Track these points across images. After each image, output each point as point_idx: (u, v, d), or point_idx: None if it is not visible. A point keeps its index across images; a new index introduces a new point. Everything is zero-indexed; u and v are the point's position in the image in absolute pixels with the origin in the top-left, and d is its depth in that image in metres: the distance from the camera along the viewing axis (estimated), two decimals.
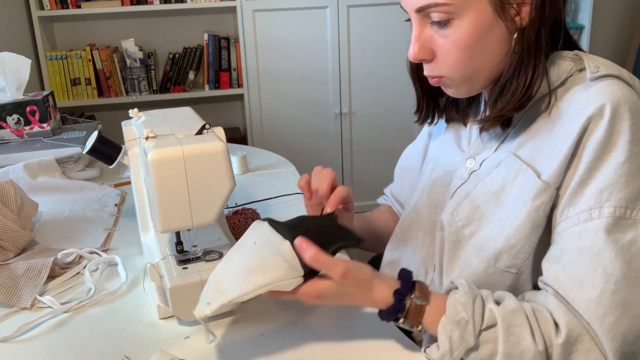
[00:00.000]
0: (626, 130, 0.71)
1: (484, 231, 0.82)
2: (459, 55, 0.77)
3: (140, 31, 2.96)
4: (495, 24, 0.75)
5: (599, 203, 0.70)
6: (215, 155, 0.82)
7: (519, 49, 0.76)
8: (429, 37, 0.79)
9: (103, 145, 1.09)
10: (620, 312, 0.67)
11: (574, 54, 0.80)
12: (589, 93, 0.75)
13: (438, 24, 0.77)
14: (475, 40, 0.76)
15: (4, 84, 1.58)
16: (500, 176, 0.82)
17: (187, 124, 0.93)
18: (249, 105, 2.93)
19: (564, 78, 0.79)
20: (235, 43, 2.89)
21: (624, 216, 0.69)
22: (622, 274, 0.68)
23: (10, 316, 0.90)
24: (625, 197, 0.70)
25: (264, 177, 1.50)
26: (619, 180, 0.70)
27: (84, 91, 2.82)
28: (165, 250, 0.94)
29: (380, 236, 1.10)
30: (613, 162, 0.71)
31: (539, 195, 0.76)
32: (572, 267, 0.70)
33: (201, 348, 0.81)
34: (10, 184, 1.15)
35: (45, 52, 2.72)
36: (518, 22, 0.76)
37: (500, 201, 0.81)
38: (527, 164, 0.79)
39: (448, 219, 0.87)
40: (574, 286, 0.70)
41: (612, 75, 0.75)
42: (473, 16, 0.75)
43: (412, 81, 0.93)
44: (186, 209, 0.82)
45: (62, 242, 1.14)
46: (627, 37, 3.44)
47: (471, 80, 0.81)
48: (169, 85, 2.93)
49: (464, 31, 0.75)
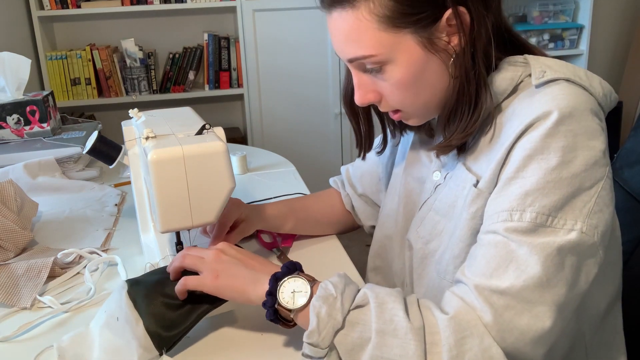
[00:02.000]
0: (564, 135, 0.68)
1: (442, 245, 0.81)
2: (402, 95, 0.78)
3: (140, 31, 2.96)
4: (428, 59, 0.74)
5: (521, 206, 0.68)
6: (215, 155, 0.82)
7: (458, 74, 0.75)
8: (370, 81, 0.79)
9: (103, 145, 1.09)
10: (522, 308, 0.65)
11: (524, 59, 0.77)
12: (533, 100, 0.73)
13: (373, 70, 0.77)
14: (414, 79, 0.75)
15: (4, 84, 1.58)
16: (453, 188, 0.81)
17: (187, 124, 0.93)
18: (249, 105, 2.93)
19: (515, 85, 0.77)
20: (235, 43, 2.89)
21: (545, 224, 0.67)
22: (533, 272, 0.65)
23: (10, 316, 0.90)
24: (549, 204, 0.67)
25: (264, 177, 1.50)
26: (547, 186, 0.67)
27: (84, 91, 2.82)
28: (165, 250, 0.94)
29: (317, 219, 1.10)
30: (543, 166, 0.68)
31: (474, 202, 0.75)
32: (483, 262, 0.69)
33: (201, 348, 0.80)
34: (10, 184, 1.15)
35: (45, 52, 2.72)
36: (451, 50, 0.74)
37: (453, 213, 0.80)
38: (473, 173, 0.78)
39: (414, 236, 0.87)
40: (481, 278, 0.67)
41: (562, 79, 0.73)
42: (404, 58, 0.74)
43: (349, 117, 0.92)
44: (186, 209, 0.82)
45: (62, 242, 1.14)
46: (627, 37, 3.44)
47: (425, 110, 0.81)
48: (169, 85, 2.93)
49: (399, 74, 0.75)
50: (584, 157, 0.68)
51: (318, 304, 0.68)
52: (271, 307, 0.72)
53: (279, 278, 0.73)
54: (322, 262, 1.04)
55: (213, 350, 0.80)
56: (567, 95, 0.70)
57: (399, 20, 0.71)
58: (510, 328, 0.65)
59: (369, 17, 0.72)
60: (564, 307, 0.67)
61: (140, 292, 0.78)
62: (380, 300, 0.68)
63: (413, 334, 0.64)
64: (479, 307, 0.66)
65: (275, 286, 0.73)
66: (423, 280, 0.85)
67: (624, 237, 0.87)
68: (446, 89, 0.77)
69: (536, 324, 0.65)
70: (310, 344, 0.67)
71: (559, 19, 3.17)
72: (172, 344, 0.76)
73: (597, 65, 3.43)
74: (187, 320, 0.77)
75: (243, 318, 0.87)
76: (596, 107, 0.72)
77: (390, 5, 0.71)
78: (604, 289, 0.82)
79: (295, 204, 1.09)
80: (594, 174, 0.68)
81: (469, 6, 0.72)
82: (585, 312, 0.80)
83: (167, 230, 0.84)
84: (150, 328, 0.74)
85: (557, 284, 0.66)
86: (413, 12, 0.71)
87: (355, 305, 0.68)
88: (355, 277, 0.97)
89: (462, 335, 0.64)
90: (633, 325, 0.96)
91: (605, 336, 0.84)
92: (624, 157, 1.08)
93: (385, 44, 0.73)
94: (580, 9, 3.16)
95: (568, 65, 0.76)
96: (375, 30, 0.72)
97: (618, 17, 3.43)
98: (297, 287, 0.72)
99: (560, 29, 3.14)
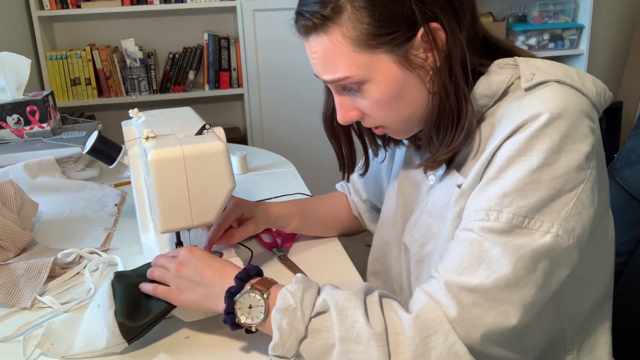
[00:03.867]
0: (550, 136, 0.68)
1: (437, 248, 0.81)
2: (383, 112, 0.78)
3: (140, 31, 2.96)
4: (406, 76, 0.75)
5: (499, 206, 0.68)
6: (215, 155, 0.82)
7: (437, 90, 0.75)
8: (350, 100, 0.80)
9: (103, 145, 1.09)
10: (489, 306, 0.65)
11: (514, 61, 0.77)
12: (522, 102, 0.72)
13: (352, 89, 0.78)
14: (393, 97, 0.76)
15: (4, 84, 1.58)
16: (444, 190, 0.81)
17: (187, 124, 0.93)
18: (249, 105, 2.92)
19: (505, 87, 0.76)
20: (235, 43, 2.89)
21: (521, 225, 0.67)
22: (504, 272, 0.66)
23: (10, 316, 0.90)
24: (527, 205, 0.67)
25: (264, 177, 1.50)
26: (525, 188, 0.67)
27: (84, 91, 2.82)
28: (165, 250, 0.94)
29: (325, 222, 1.11)
30: (525, 167, 0.68)
31: (457, 202, 0.75)
32: (456, 259, 0.69)
33: (201, 348, 0.81)
34: (10, 184, 1.15)
35: (45, 52, 2.72)
36: (428, 67, 0.74)
37: (445, 215, 0.80)
38: (461, 174, 0.78)
39: (409, 239, 0.87)
40: (452, 274, 0.68)
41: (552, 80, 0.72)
42: (382, 77, 0.74)
43: (330, 139, 0.93)
44: (186, 209, 0.82)
45: (62, 242, 1.14)
46: (627, 37, 3.44)
47: (408, 125, 0.81)
48: (169, 85, 2.93)
49: (378, 93, 0.76)
50: (567, 160, 0.68)
51: (278, 316, 0.69)
52: (232, 324, 0.74)
53: (233, 294, 0.74)
54: (322, 263, 1.04)
55: (212, 349, 0.80)
56: (557, 97, 0.70)
57: (372, 41, 0.72)
58: (476, 324, 0.66)
59: (343, 41, 0.73)
60: (530, 307, 0.67)
61: (122, 283, 0.82)
62: (340, 306, 0.68)
63: (375, 340, 0.65)
64: (445, 303, 0.67)
65: (232, 304, 0.74)
66: (421, 283, 0.84)
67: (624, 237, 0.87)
68: (427, 104, 0.77)
69: (502, 322, 0.66)
70: (276, 356, 0.68)
71: (559, 19, 3.17)
72: (137, 334, 0.78)
73: (597, 65, 3.43)
74: (152, 313, 0.79)
75: None
76: (589, 107, 0.72)
77: (362, 28, 0.72)
78: (589, 288, 0.82)
79: (306, 205, 1.09)
80: (576, 177, 0.68)
81: (442, 22, 0.72)
82: (566, 309, 0.80)
83: (167, 230, 0.84)
84: (118, 317, 0.78)
85: (527, 286, 0.66)
86: (385, 33, 0.72)
87: (316, 312, 0.69)
88: (355, 278, 0.98)
89: (427, 333, 0.65)
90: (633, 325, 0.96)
91: (589, 335, 0.84)
92: (624, 157, 1.08)
93: (361, 65, 0.74)
94: (580, 9, 3.16)
95: (559, 65, 0.75)
96: (350, 53, 0.73)
97: (618, 17, 3.43)
98: (252, 302, 0.73)
99: (560, 29, 3.14)
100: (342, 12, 0.72)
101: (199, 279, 0.78)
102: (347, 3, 0.72)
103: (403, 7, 0.70)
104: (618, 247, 0.98)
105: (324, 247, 1.10)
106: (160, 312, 0.79)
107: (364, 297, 0.70)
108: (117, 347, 0.78)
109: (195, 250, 0.82)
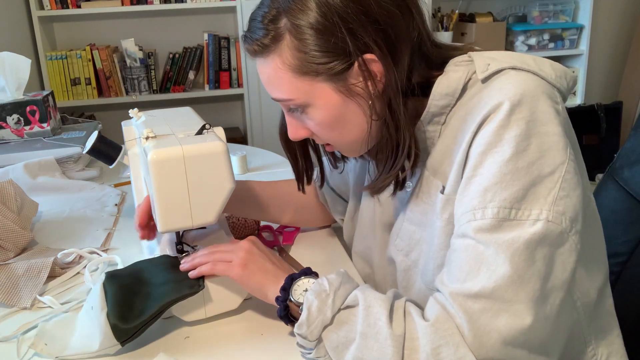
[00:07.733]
0: (516, 124, 0.67)
1: (422, 255, 0.81)
2: (328, 134, 0.80)
3: (140, 31, 2.96)
4: (346, 103, 0.76)
5: (482, 203, 0.67)
6: (215, 155, 0.82)
7: (376, 117, 0.76)
8: (297, 119, 0.82)
9: (103, 145, 1.10)
10: (499, 309, 0.64)
11: (468, 57, 0.77)
12: (482, 95, 0.73)
13: (297, 110, 0.79)
14: (335, 121, 0.77)
15: (4, 84, 1.58)
16: (421, 196, 0.81)
17: (187, 124, 0.93)
18: (249, 105, 2.93)
19: (464, 84, 0.76)
20: (235, 43, 2.89)
21: (508, 217, 0.66)
22: (503, 271, 0.64)
23: (10, 316, 0.90)
24: (509, 197, 0.66)
25: (264, 177, 1.50)
26: (504, 179, 0.66)
27: (84, 91, 2.82)
28: (165, 250, 0.94)
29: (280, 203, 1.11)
30: (498, 159, 0.67)
31: (444, 208, 0.75)
32: (457, 268, 0.68)
33: (201, 348, 0.81)
34: (10, 184, 1.15)
35: (45, 52, 2.72)
36: (367, 96, 0.75)
37: (426, 221, 0.80)
38: (438, 178, 0.78)
39: (393, 251, 0.87)
40: (456, 284, 0.67)
41: (507, 68, 0.73)
42: (322, 103, 0.76)
43: (286, 152, 0.93)
44: (186, 209, 0.82)
45: (62, 242, 1.14)
46: (627, 37, 3.44)
47: (354, 146, 0.82)
48: (169, 85, 2.93)
49: (320, 116, 0.77)
50: (537, 143, 0.67)
51: (311, 297, 0.72)
52: (283, 302, 0.77)
53: (294, 278, 0.78)
54: (323, 262, 1.04)
55: (213, 350, 0.80)
56: (515, 83, 0.70)
57: (310, 70, 0.74)
58: (487, 331, 0.64)
59: (282, 67, 0.75)
60: (541, 302, 0.65)
61: (114, 284, 0.82)
62: (368, 303, 0.70)
63: (392, 340, 0.66)
64: (455, 314, 0.66)
65: (290, 283, 0.77)
66: (410, 291, 0.84)
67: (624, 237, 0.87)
68: (369, 130, 0.78)
69: (515, 323, 0.64)
70: (299, 334, 0.72)
71: (559, 19, 3.17)
72: (130, 336, 0.78)
73: (597, 65, 3.43)
74: (145, 315, 0.79)
75: (243, 318, 0.87)
76: (549, 89, 0.72)
77: (299, 57, 0.73)
78: (592, 274, 0.81)
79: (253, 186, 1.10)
80: (552, 159, 0.67)
81: (376, 53, 0.73)
82: (578, 299, 0.79)
83: (167, 230, 0.84)
84: (110, 319, 0.78)
85: (530, 279, 0.65)
86: (322, 62, 0.73)
87: (346, 305, 0.71)
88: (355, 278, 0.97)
89: (438, 344, 0.65)
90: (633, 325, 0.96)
91: (600, 322, 0.83)
92: (624, 157, 1.08)
93: (302, 90, 0.75)
94: (580, 9, 3.16)
95: (514, 54, 0.76)
96: (290, 78, 0.75)
97: (618, 17, 3.43)
98: (308, 286, 0.76)
99: (560, 29, 3.14)
100: (281, 40, 0.74)
101: (268, 260, 0.83)
102: (287, 32, 0.73)
103: (337, 39, 0.72)
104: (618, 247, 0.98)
105: (324, 246, 1.10)
106: (154, 313, 0.79)
107: (393, 300, 0.71)
108: (111, 349, 0.78)
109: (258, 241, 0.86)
